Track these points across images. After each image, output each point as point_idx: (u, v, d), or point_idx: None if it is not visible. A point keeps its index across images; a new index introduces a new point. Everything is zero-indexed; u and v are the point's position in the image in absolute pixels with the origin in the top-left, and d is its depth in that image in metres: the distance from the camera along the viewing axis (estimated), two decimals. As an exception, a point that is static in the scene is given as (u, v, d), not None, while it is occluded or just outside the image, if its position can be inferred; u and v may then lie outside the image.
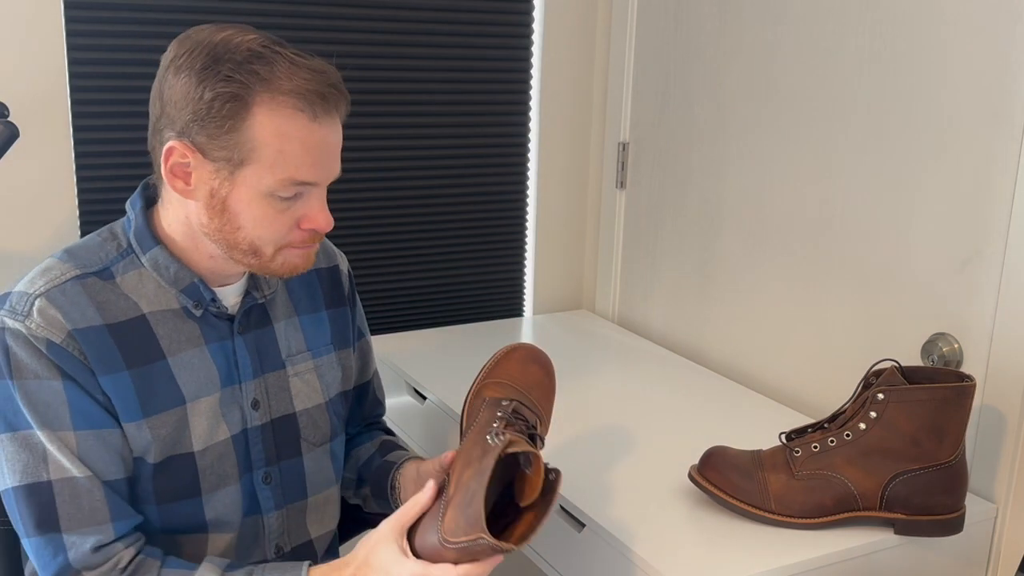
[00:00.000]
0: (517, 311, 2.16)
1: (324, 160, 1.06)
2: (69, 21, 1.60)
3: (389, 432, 1.42)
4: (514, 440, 1.02)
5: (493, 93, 2.00)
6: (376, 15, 1.84)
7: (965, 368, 1.35)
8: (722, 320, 1.81)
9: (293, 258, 1.11)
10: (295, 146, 1.02)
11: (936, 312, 1.39)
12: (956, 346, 1.36)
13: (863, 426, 1.20)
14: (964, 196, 1.34)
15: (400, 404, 1.77)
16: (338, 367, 1.27)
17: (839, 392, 1.54)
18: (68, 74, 1.62)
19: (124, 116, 1.67)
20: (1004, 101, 1.27)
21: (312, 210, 1.08)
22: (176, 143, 1.03)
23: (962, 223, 1.34)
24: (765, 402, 1.64)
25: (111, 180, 1.68)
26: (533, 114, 2.07)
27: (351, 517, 1.39)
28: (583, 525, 1.26)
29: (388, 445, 1.34)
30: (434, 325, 2.05)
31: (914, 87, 1.39)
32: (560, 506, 1.30)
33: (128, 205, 1.14)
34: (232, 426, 1.14)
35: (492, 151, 2.04)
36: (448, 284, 2.06)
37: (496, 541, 0.95)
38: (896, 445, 1.19)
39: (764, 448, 1.27)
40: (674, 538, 1.20)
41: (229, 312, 1.15)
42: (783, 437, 1.27)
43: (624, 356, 1.88)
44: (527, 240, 2.14)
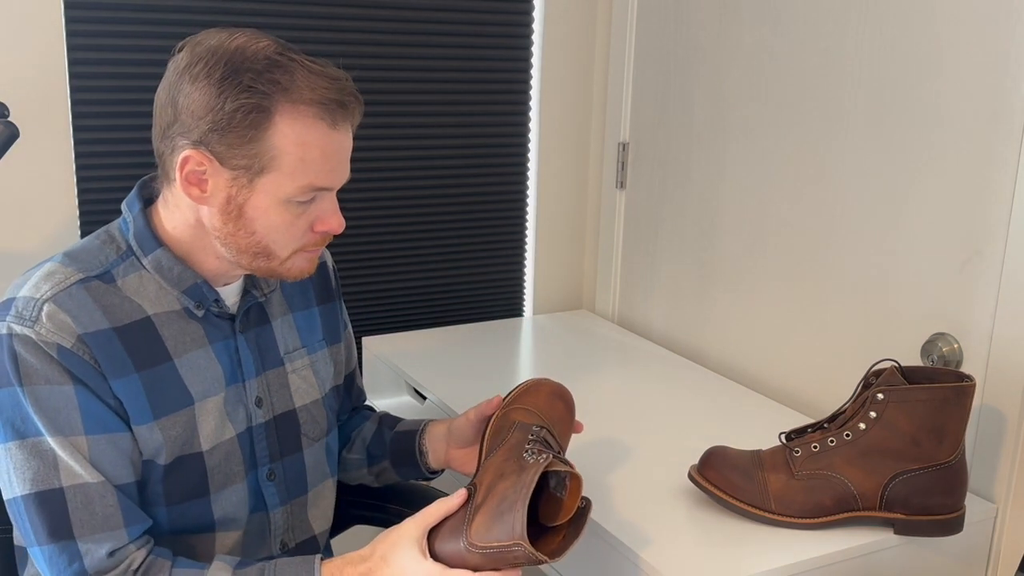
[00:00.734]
0: (517, 311, 2.16)
1: (340, 166, 1.09)
2: (69, 21, 1.60)
3: (374, 411, 1.43)
4: (555, 461, 1.05)
5: (493, 93, 2.00)
6: (376, 15, 1.84)
7: (965, 368, 1.35)
8: (722, 320, 1.81)
9: (301, 262, 1.12)
10: (315, 153, 1.04)
11: (936, 312, 1.39)
12: (956, 346, 1.36)
13: (863, 426, 1.20)
14: (964, 196, 1.34)
15: (400, 404, 1.77)
16: (330, 362, 1.29)
17: (839, 392, 1.54)
18: (68, 74, 1.62)
19: (124, 116, 1.67)
20: (1004, 101, 1.27)
21: (325, 212, 1.10)
22: (193, 152, 1.02)
23: (962, 223, 1.34)
24: (765, 402, 1.64)
25: (111, 180, 1.68)
26: (533, 114, 2.07)
27: (338, 514, 1.39)
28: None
29: (389, 419, 1.37)
30: (434, 325, 2.05)
31: (914, 87, 1.39)
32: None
33: (124, 206, 1.13)
34: (237, 424, 1.15)
35: (492, 151, 2.04)
36: (448, 284, 2.06)
37: (533, 550, 0.97)
38: (896, 445, 1.19)
39: (764, 448, 1.27)
40: (674, 538, 1.20)
41: (230, 311, 1.16)
42: (783, 437, 1.27)
43: (624, 356, 1.88)
44: (527, 240, 2.14)
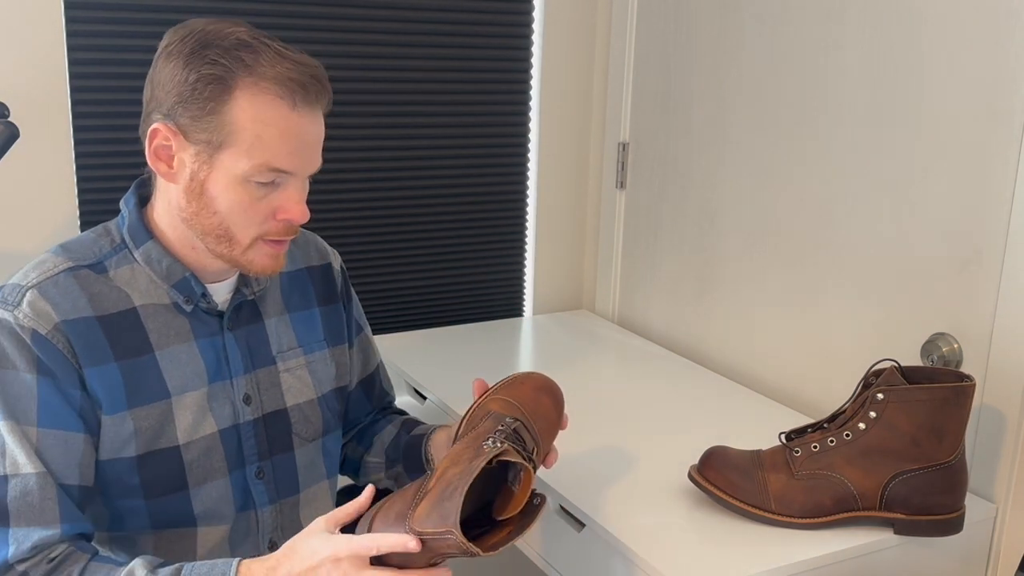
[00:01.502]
0: (517, 311, 2.16)
1: (302, 150, 1.07)
2: (69, 21, 1.60)
3: (403, 414, 1.43)
4: (509, 451, 1.02)
5: (493, 93, 2.00)
6: (376, 15, 1.84)
7: (965, 368, 1.35)
8: (722, 320, 1.81)
9: (263, 257, 1.11)
10: (273, 132, 1.04)
11: (936, 312, 1.39)
12: (956, 346, 1.36)
13: (863, 426, 1.20)
14: (964, 196, 1.34)
15: (400, 404, 1.76)
16: (331, 363, 1.28)
17: (839, 392, 1.54)
18: (68, 74, 1.62)
19: (124, 116, 1.67)
20: (1003, 101, 1.27)
21: (288, 201, 1.09)
22: (160, 125, 1.06)
23: (962, 223, 1.34)
24: (765, 402, 1.64)
25: (111, 180, 1.68)
26: (533, 114, 2.07)
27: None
28: (583, 525, 1.26)
29: (410, 423, 1.36)
30: (434, 325, 2.05)
31: (914, 87, 1.39)
32: (560, 506, 1.30)
33: (122, 202, 1.16)
34: (221, 420, 1.15)
35: (492, 151, 2.04)
36: (448, 284, 2.06)
37: (464, 540, 0.95)
38: (896, 445, 1.19)
39: (764, 448, 1.27)
40: (674, 538, 1.20)
41: (219, 308, 1.16)
42: (783, 437, 1.27)
43: (624, 356, 1.88)
44: (527, 240, 2.14)
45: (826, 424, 1.25)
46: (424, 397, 1.68)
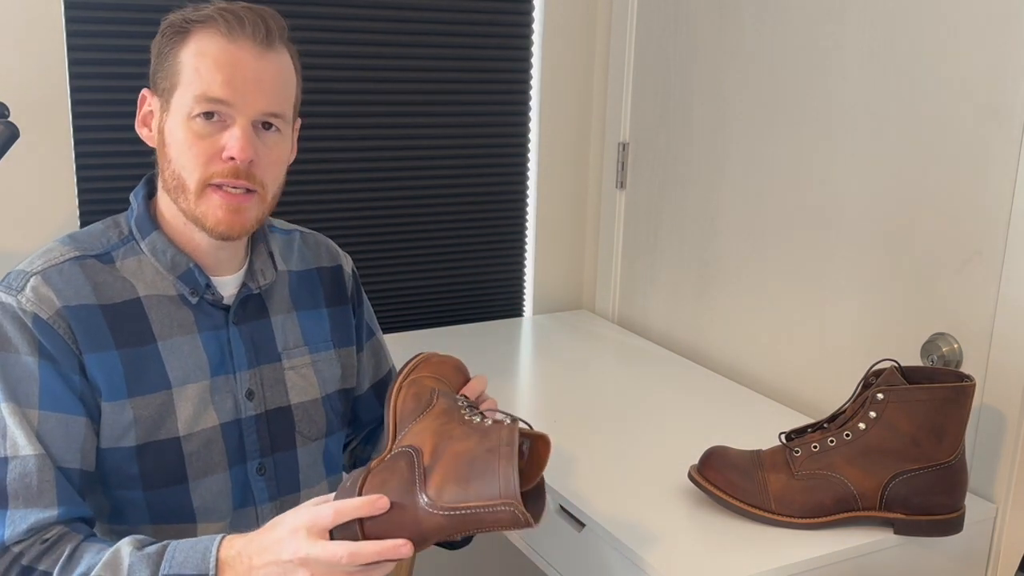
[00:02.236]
0: (517, 311, 2.16)
1: (239, 82, 1.07)
2: (69, 21, 1.60)
3: None
4: (521, 424, 1.00)
5: (493, 93, 2.00)
6: (376, 15, 1.84)
7: (965, 368, 1.35)
8: (722, 320, 1.81)
9: (216, 208, 1.08)
10: (208, 62, 1.06)
11: (936, 312, 1.39)
12: (956, 346, 1.36)
13: (863, 426, 1.20)
14: (964, 196, 1.34)
15: (400, 404, 1.77)
16: (337, 364, 1.28)
17: (839, 392, 1.54)
18: (68, 74, 1.62)
19: (124, 116, 1.66)
20: (1004, 101, 1.27)
21: (231, 139, 1.07)
22: (145, 91, 1.13)
23: (962, 223, 1.34)
24: (765, 402, 1.64)
25: (111, 180, 1.68)
26: (533, 114, 2.07)
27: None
28: (583, 525, 1.26)
29: None
30: (434, 325, 2.05)
31: (914, 86, 1.39)
32: (560, 506, 1.30)
33: (132, 195, 1.17)
34: (223, 414, 1.15)
35: (492, 151, 2.04)
36: (448, 284, 2.06)
37: (524, 510, 0.90)
38: (896, 445, 1.19)
39: (764, 448, 1.27)
40: (674, 538, 1.20)
41: (225, 302, 1.17)
42: (783, 437, 1.27)
43: (624, 356, 1.88)
44: (527, 240, 2.14)
45: (826, 424, 1.25)
46: (424, 397, 1.68)
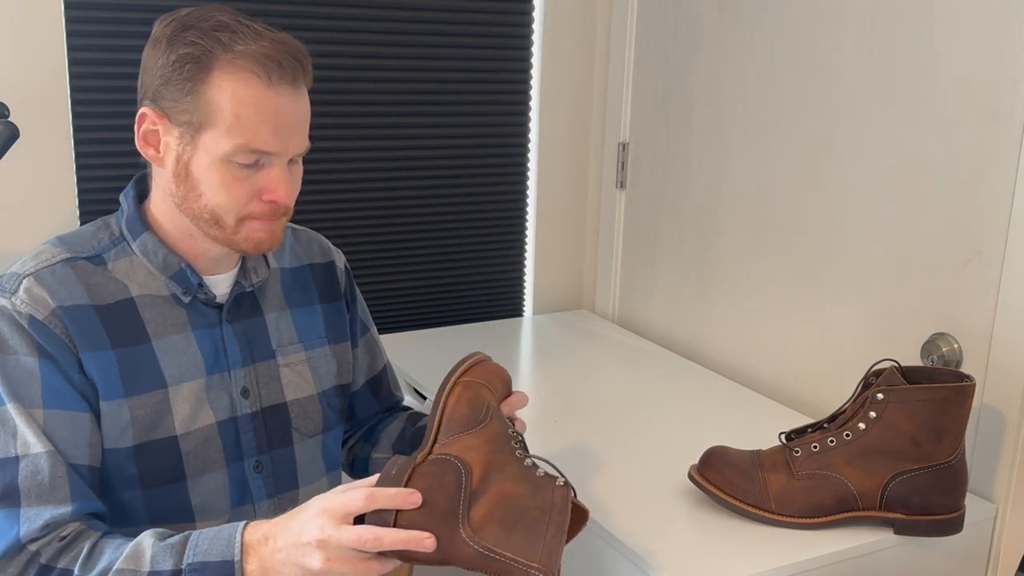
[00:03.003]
0: (517, 311, 2.16)
1: (282, 130, 1.06)
2: (69, 21, 1.60)
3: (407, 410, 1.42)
4: (571, 492, 1.01)
5: (493, 93, 2.00)
6: (376, 15, 1.84)
7: (965, 368, 1.35)
8: (722, 320, 1.81)
9: (257, 232, 1.10)
10: (250, 112, 1.04)
11: (936, 312, 1.39)
12: (956, 346, 1.36)
13: (863, 426, 1.20)
14: (964, 196, 1.34)
15: (400, 404, 1.77)
16: (332, 360, 1.28)
17: (839, 392, 1.54)
18: (68, 74, 1.62)
19: (124, 116, 1.67)
20: (1004, 101, 1.27)
21: (273, 181, 1.08)
22: (147, 109, 1.08)
23: (962, 223, 1.34)
24: (765, 402, 1.64)
25: (111, 180, 1.68)
26: (533, 114, 2.07)
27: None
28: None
29: (416, 415, 1.36)
30: (434, 325, 2.05)
31: (914, 87, 1.39)
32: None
33: (121, 197, 1.17)
34: (219, 412, 1.15)
35: (492, 151, 2.04)
36: (448, 284, 2.06)
37: None
38: (896, 445, 1.19)
39: (764, 448, 1.27)
40: (674, 538, 1.20)
41: (218, 300, 1.17)
42: (783, 437, 1.27)
43: (624, 356, 1.88)
44: (527, 240, 2.14)
45: (826, 424, 1.25)
46: (424, 397, 1.68)
